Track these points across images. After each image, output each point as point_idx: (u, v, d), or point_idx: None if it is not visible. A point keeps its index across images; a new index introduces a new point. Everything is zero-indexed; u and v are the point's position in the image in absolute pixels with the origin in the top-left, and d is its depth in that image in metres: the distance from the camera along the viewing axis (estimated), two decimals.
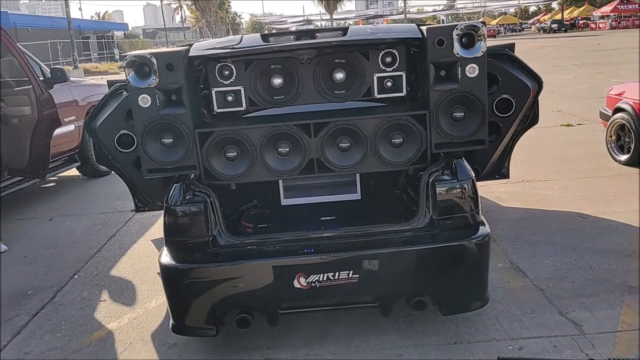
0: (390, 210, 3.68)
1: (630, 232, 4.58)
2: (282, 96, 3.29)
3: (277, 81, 3.26)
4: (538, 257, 4.22)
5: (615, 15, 59.23)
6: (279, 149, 3.13)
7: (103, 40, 50.28)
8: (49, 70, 6.69)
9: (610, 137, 6.80)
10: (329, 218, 3.65)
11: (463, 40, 2.96)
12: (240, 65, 3.25)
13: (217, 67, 3.25)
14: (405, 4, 74.24)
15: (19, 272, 4.77)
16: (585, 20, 65.32)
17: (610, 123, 6.75)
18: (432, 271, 3.05)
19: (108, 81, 5.29)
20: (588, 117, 9.47)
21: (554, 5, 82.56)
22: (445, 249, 3.01)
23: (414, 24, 3.41)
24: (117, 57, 48.06)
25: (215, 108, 3.33)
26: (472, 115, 3.05)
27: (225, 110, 3.34)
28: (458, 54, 2.95)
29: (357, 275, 2.97)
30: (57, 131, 5.96)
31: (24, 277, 4.64)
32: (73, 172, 7.85)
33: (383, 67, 3.27)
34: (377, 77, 3.28)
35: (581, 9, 70.51)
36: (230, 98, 3.31)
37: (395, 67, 3.27)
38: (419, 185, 3.14)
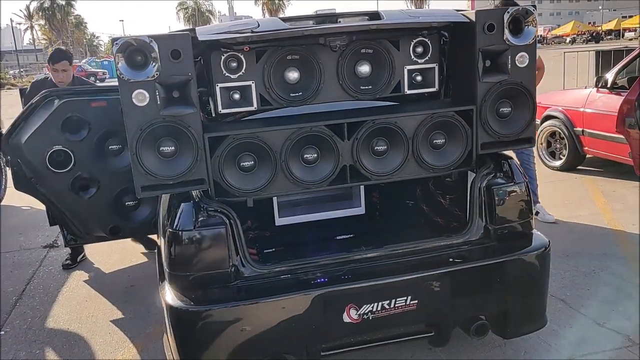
0: (405, 225, 3.25)
1: (610, 235, 4.55)
2: (300, 93, 2.72)
3: (294, 75, 2.69)
4: None
5: None
6: (305, 156, 2.56)
7: None
8: None
9: (541, 144, 6.95)
10: (345, 237, 3.14)
11: (510, 26, 2.63)
12: (251, 56, 2.64)
13: (223, 57, 2.61)
14: None
15: None
16: None
17: (541, 131, 6.89)
18: (495, 290, 2.65)
19: (21, 89, 4.40)
20: None
21: None
22: (510, 263, 2.63)
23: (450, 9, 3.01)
24: None
25: (220, 108, 2.66)
26: (520, 111, 2.71)
27: (232, 110, 2.69)
28: (508, 40, 2.61)
29: (416, 301, 2.49)
30: None
31: None
32: None
33: (414, 59, 2.83)
34: (408, 70, 2.83)
35: None
36: (237, 96, 2.68)
37: (427, 58, 2.84)
38: (469, 192, 2.74)
